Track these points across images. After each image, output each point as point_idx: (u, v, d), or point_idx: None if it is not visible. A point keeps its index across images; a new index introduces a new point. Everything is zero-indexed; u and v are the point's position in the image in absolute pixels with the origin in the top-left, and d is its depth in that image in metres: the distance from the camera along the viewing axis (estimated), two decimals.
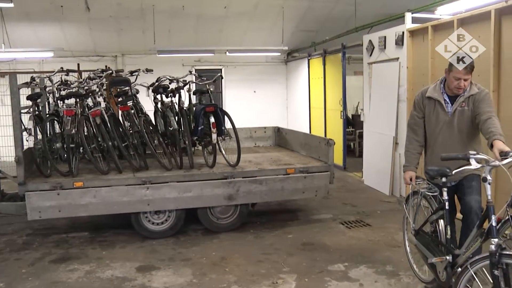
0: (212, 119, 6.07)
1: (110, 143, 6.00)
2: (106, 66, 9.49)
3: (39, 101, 6.54)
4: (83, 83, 6.69)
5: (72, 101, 6.43)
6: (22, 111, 6.07)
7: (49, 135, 6.25)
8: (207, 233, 6.19)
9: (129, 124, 6.46)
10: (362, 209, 7.23)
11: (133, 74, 7.28)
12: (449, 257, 3.70)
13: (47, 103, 7.03)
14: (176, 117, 6.48)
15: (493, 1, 5.93)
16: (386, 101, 8.17)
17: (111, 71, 7.45)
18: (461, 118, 4.00)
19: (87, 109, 6.31)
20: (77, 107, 6.24)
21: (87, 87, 6.56)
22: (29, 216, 5.44)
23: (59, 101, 6.58)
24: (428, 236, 4.09)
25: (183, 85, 6.83)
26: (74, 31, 11.15)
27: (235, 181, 5.95)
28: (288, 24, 11.43)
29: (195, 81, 7.08)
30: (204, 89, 6.84)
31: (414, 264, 4.51)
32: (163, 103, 6.81)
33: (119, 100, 6.53)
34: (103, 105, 6.71)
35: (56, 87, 6.78)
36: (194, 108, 6.71)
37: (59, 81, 7.04)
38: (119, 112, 6.58)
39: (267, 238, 6.00)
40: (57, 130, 6.44)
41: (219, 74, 7.58)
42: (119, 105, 6.43)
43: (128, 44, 12.08)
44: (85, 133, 5.99)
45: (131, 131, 6.37)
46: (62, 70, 7.21)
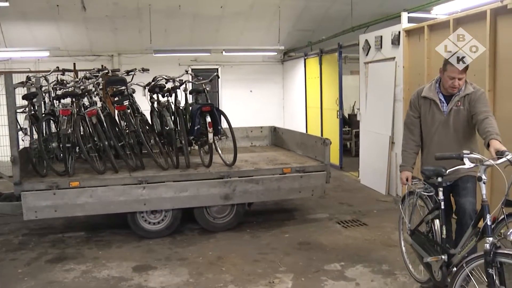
0: (208, 119, 6.07)
1: (106, 143, 5.98)
2: (102, 65, 9.46)
3: (35, 100, 6.51)
4: (79, 82, 6.67)
5: (68, 100, 6.42)
6: (17, 111, 6.06)
7: (45, 134, 6.22)
8: (203, 232, 6.19)
9: (125, 123, 6.45)
10: (358, 209, 7.24)
11: (129, 73, 7.26)
12: (444, 256, 3.71)
13: (43, 102, 7.00)
14: (172, 117, 6.47)
15: (488, 1, 5.95)
16: (382, 101, 8.19)
17: (107, 71, 7.43)
18: (457, 117, 4.00)
19: (83, 109, 6.29)
20: (73, 106, 6.24)
21: (83, 87, 6.54)
22: (25, 216, 5.42)
23: (55, 101, 6.57)
24: (423, 236, 4.11)
25: (179, 84, 6.82)
26: (70, 30, 11.12)
27: (232, 181, 5.95)
28: (284, 23, 11.44)
29: (191, 81, 7.08)
30: (200, 88, 6.84)
31: (409, 264, 4.52)
32: (159, 102, 6.81)
33: (115, 99, 6.53)
34: (99, 104, 6.68)
35: (52, 86, 6.77)
36: (190, 107, 6.70)
37: (55, 81, 7.03)
38: (115, 111, 6.57)
39: (264, 237, 6.01)
40: (53, 129, 6.43)
41: (216, 73, 7.56)
42: (115, 105, 6.43)
43: (124, 43, 12.06)
44: (81, 133, 5.99)
45: (127, 131, 6.36)
46: (58, 69, 7.19)
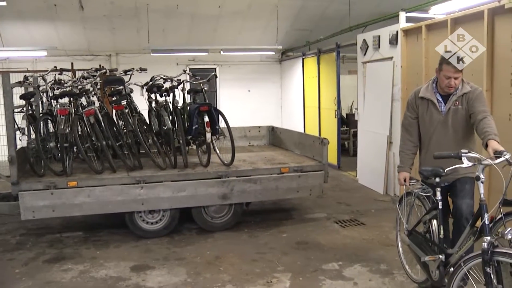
0: (206, 118, 6.06)
1: (104, 143, 5.97)
2: (100, 65, 9.46)
3: (32, 100, 6.51)
4: (77, 82, 6.66)
5: (65, 100, 6.41)
6: (15, 111, 6.04)
7: (42, 134, 6.22)
8: (201, 232, 6.18)
9: (123, 123, 6.44)
10: (356, 208, 7.25)
11: (127, 73, 7.25)
12: (442, 256, 3.72)
13: (40, 102, 6.99)
14: (170, 116, 6.45)
15: (486, 1, 5.96)
16: (380, 100, 8.20)
17: (105, 70, 7.43)
18: (455, 117, 4.00)
19: (81, 108, 6.28)
20: (70, 106, 6.23)
21: (81, 86, 6.53)
22: (22, 216, 5.41)
23: (52, 100, 6.57)
24: (421, 236, 4.11)
25: (177, 84, 6.82)
26: (67, 30, 11.11)
27: (229, 180, 5.95)
28: (282, 23, 11.44)
29: (189, 80, 7.07)
30: (198, 88, 6.84)
31: (406, 264, 4.54)
32: (157, 102, 6.80)
33: (113, 99, 6.51)
34: (97, 104, 6.68)
35: (49, 86, 6.75)
36: (188, 107, 6.70)
37: (52, 80, 7.02)
38: (113, 111, 6.57)
39: (262, 237, 6.01)
40: (51, 129, 6.42)
41: (213, 73, 7.57)
42: (113, 104, 6.41)
43: (122, 43, 12.05)
44: (79, 133, 5.97)
45: (125, 131, 6.35)
46: (55, 69, 7.18)
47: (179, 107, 6.79)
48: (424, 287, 4.26)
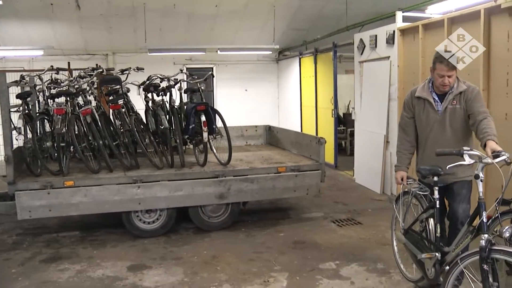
0: (203, 118, 6.06)
1: (101, 142, 5.96)
2: (96, 64, 9.41)
3: (29, 99, 6.49)
4: (74, 81, 6.65)
5: (62, 99, 6.38)
6: (11, 110, 6.02)
7: (39, 134, 6.20)
8: (198, 232, 6.18)
9: (120, 122, 6.43)
10: (353, 208, 7.25)
11: (124, 72, 7.25)
12: (438, 254, 3.74)
13: (37, 101, 6.97)
14: (167, 116, 6.46)
15: (482, 0, 5.97)
16: (377, 100, 8.21)
17: (101, 70, 7.40)
18: (453, 116, 4.00)
19: (77, 108, 6.27)
20: (67, 105, 6.20)
21: (78, 86, 6.52)
22: (19, 215, 5.40)
23: (49, 100, 6.54)
24: (417, 234, 4.12)
25: (174, 83, 6.82)
26: (64, 29, 11.08)
27: (226, 180, 5.95)
28: (279, 22, 11.45)
29: (186, 80, 7.07)
30: (195, 87, 6.84)
31: (401, 263, 4.56)
32: (154, 101, 6.80)
33: (109, 98, 6.51)
34: (93, 103, 6.67)
35: (46, 85, 6.73)
36: (185, 106, 6.70)
37: (49, 80, 6.99)
38: (110, 110, 6.55)
39: (259, 236, 6.01)
40: (47, 129, 6.40)
41: (210, 72, 7.57)
42: (109, 104, 6.40)
43: (119, 42, 12.03)
44: (75, 132, 5.96)
45: (122, 130, 6.34)
46: (52, 68, 7.16)
47: (176, 107, 6.77)
48: (420, 286, 4.27)
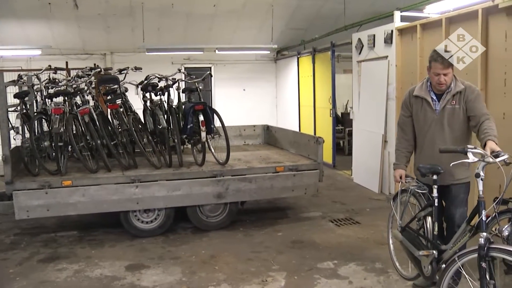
0: (201, 117, 6.05)
1: (99, 142, 5.96)
2: (94, 64, 9.45)
3: (26, 99, 6.48)
4: (72, 81, 6.64)
5: (60, 99, 6.38)
6: (9, 110, 6.01)
7: (37, 133, 6.20)
8: (196, 231, 6.18)
9: (118, 122, 6.43)
10: (351, 207, 7.26)
11: (122, 72, 7.23)
12: (435, 252, 3.76)
13: (34, 101, 6.96)
14: (165, 115, 6.45)
15: (480, 0, 5.98)
16: (375, 99, 8.21)
17: (99, 69, 7.41)
18: (452, 116, 3.97)
19: (75, 107, 6.26)
20: (65, 105, 6.20)
21: (76, 85, 6.51)
22: (16, 215, 5.39)
23: (47, 99, 6.54)
24: (414, 232, 4.14)
25: (172, 83, 6.81)
26: (62, 28, 11.06)
27: (225, 179, 5.95)
28: (277, 22, 11.44)
29: (184, 79, 7.06)
30: (193, 87, 6.83)
31: (396, 261, 4.58)
32: (152, 101, 6.79)
33: (107, 98, 6.50)
34: (91, 103, 6.66)
35: (44, 85, 6.73)
36: (183, 106, 6.69)
37: (47, 79, 6.98)
38: (108, 110, 6.55)
39: (257, 236, 6.01)
40: (45, 128, 6.39)
41: (209, 72, 7.56)
42: (107, 104, 6.40)
43: (117, 42, 12.01)
44: (73, 132, 5.95)
45: (120, 130, 6.34)
46: (50, 68, 7.16)
47: (174, 106, 6.77)
48: (418, 285, 4.28)
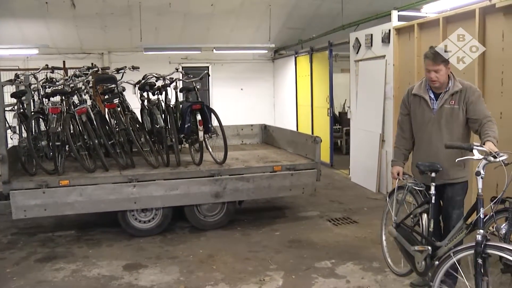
0: (198, 117, 6.05)
1: (96, 141, 5.95)
2: (92, 63, 9.41)
3: (23, 98, 6.47)
4: (69, 80, 6.63)
5: (57, 98, 6.37)
6: (6, 109, 6.00)
7: (34, 133, 6.19)
8: (194, 230, 6.18)
9: (115, 122, 6.42)
10: (349, 206, 7.27)
11: (119, 71, 7.24)
12: (429, 248, 3.80)
13: (32, 100, 6.95)
14: (162, 115, 6.45)
15: None
16: (372, 99, 8.22)
17: (97, 69, 7.39)
18: (450, 116, 3.97)
19: (72, 107, 6.25)
20: (62, 104, 6.19)
21: (73, 85, 6.49)
22: (14, 215, 5.37)
23: (44, 99, 6.53)
24: (409, 228, 4.16)
25: (169, 82, 6.81)
26: (59, 28, 11.04)
27: (222, 179, 5.95)
28: (275, 21, 11.44)
29: (181, 79, 7.05)
30: (190, 86, 6.82)
31: (388, 258, 4.62)
32: (149, 100, 6.78)
33: (105, 97, 6.49)
34: (89, 102, 6.65)
35: (41, 84, 6.72)
36: (180, 105, 6.69)
37: (44, 79, 6.97)
38: (105, 109, 6.54)
39: (254, 235, 6.01)
40: (43, 128, 6.37)
41: (206, 71, 7.57)
42: (105, 103, 6.39)
43: (114, 41, 12.00)
44: (70, 131, 5.93)
45: (117, 129, 6.33)
46: (47, 67, 7.14)
47: (171, 106, 6.77)
48: (416, 284, 4.29)
